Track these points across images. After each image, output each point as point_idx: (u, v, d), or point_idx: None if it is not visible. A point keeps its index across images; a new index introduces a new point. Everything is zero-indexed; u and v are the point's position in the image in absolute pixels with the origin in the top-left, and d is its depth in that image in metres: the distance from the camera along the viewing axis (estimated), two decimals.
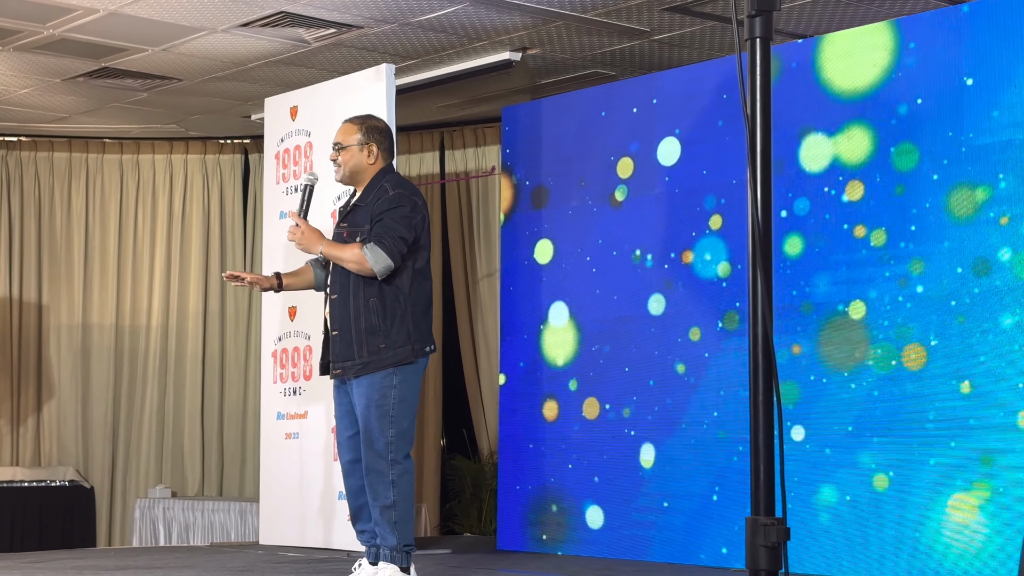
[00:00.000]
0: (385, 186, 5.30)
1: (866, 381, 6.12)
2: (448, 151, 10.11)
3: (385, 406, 5.14)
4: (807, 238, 6.39)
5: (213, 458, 10.46)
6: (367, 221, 5.24)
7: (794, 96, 6.46)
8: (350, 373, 5.19)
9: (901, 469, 5.97)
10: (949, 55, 5.96)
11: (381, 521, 5.12)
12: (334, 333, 5.23)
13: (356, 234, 5.25)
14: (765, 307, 2.63)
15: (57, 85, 8.74)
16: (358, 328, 5.15)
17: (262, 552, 7.61)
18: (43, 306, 10.35)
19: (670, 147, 7.11)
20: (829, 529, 6.18)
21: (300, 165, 8.14)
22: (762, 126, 2.69)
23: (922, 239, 5.97)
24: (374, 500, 5.14)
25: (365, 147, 5.35)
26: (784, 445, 2.64)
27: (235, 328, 10.60)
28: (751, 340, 2.64)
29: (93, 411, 10.34)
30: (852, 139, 6.27)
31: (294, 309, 8.07)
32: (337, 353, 5.22)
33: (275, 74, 8.47)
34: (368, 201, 5.30)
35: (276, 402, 8.13)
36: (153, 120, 9.82)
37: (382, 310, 5.16)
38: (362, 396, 5.16)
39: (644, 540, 6.98)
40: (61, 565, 6.80)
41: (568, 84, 8.50)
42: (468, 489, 9.51)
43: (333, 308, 5.25)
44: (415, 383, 5.24)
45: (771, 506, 2.59)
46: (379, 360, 5.14)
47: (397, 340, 5.16)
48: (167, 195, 10.58)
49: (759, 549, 2.57)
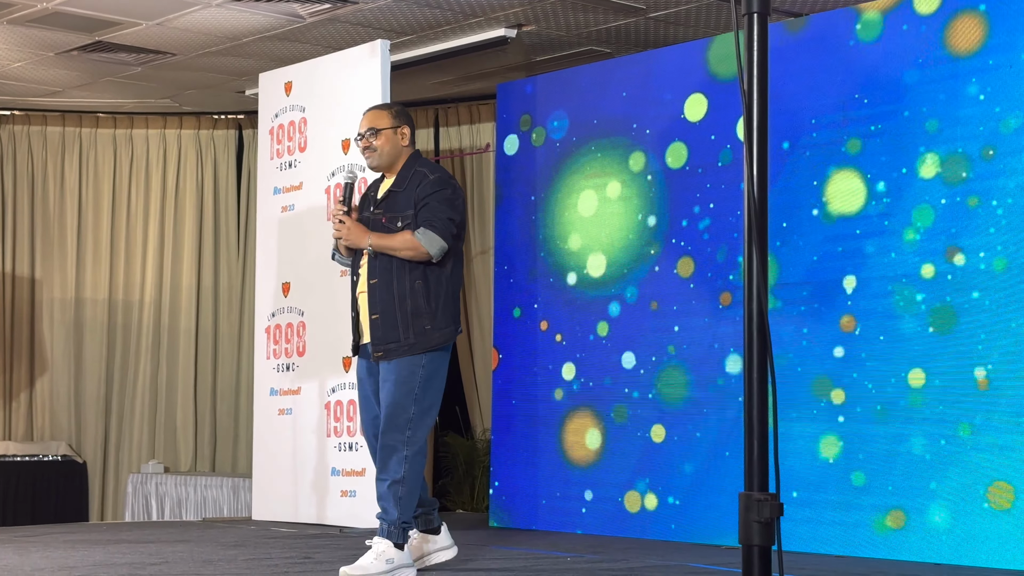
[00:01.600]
0: (423, 171, 5.31)
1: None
2: (443, 128, 10.10)
3: (411, 383, 5.17)
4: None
5: (206, 433, 10.47)
6: (408, 207, 5.25)
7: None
8: (395, 355, 5.19)
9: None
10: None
11: (387, 495, 5.14)
12: (374, 317, 5.23)
13: (396, 220, 5.25)
14: (760, 284, 2.63)
15: (51, 59, 8.71)
16: (404, 311, 5.17)
17: (255, 527, 7.62)
18: (36, 281, 10.33)
19: (664, 126, 7.10)
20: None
21: (294, 141, 8.12)
22: (759, 102, 2.69)
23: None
24: (383, 474, 5.16)
25: (398, 130, 5.36)
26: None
27: (228, 304, 10.60)
28: (746, 316, 2.64)
29: (86, 386, 10.34)
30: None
31: (287, 285, 8.07)
32: (379, 336, 5.22)
33: (269, 49, 8.44)
34: (405, 186, 5.30)
35: (269, 378, 8.13)
36: (147, 95, 9.79)
37: (427, 293, 5.19)
38: (391, 373, 5.18)
39: (641, 518, 6.99)
40: (54, 540, 6.81)
41: (563, 61, 8.48)
42: (461, 466, 9.52)
43: (373, 293, 5.25)
44: (442, 364, 5.29)
45: (764, 482, 2.60)
46: (424, 342, 5.18)
47: (441, 322, 5.22)
48: (161, 170, 10.56)
49: (752, 524, 2.58)
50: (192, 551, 6.15)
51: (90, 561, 5.68)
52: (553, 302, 7.55)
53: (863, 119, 6.23)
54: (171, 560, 5.72)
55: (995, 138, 5.79)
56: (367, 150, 5.35)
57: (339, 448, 7.58)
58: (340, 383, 7.62)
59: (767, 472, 2.62)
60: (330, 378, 7.69)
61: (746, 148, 2.69)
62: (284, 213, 8.15)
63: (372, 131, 5.34)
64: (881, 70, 6.19)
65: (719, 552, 6.21)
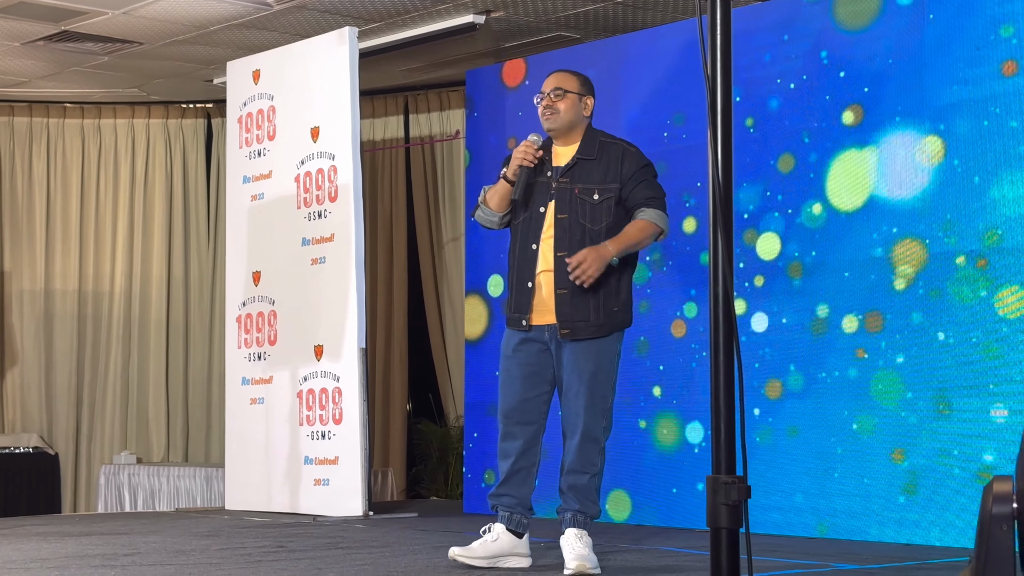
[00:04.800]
0: (619, 143, 4.99)
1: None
2: (412, 115, 10.08)
3: (612, 372, 4.92)
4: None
5: (178, 424, 10.44)
6: (608, 180, 4.91)
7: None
8: (583, 334, 4.87)
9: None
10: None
11: (587, 488, 4.87)
12: (561, 292, 4.88)
13: (592, 192, 4.90)
14: (726, 267, 2.64)
15: (16, 49, 8.66)
16: (595, 289, 4.86)
17: (228, 517, 7.62)
18: (5, 272, 10.27)
19: (632, 110, 7.11)
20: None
21: (263, 129, 8.09)
22: (723, 85, 2.70)
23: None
24: (583, 467, 4.87)
25: (583, 99, 5.03)
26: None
27: (199, 293, 10.56)
28: (711, 299, 2.65)
29: (57, 377, 10.29)
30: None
31: (258, 274, 8.05)
32: (566, 313, 4.87)
33: (237, 37, 8.41)
34: (598, 156, 4.95)
35: (241, 367, 8.11)
36: (114, 84, 9.74)
37: (618, 273, 4.92)
38: (589, 360, 4.87)
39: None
40: (26, 532, 6.79)
41: (532, 47, 8.48)
42: (435, 454, 9.53)
43: (561, 267, 4.87)
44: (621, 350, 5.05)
45: (732, 464, 2.62)
46: (612, 323, 4.90)
47: (627, 304, 4.97)
48: (129, 160, 10.51)
49: (720, 507, 2.59)
50: (165, 541, 6.14)
51: (63, 553, 5.66)
52: None
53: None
54: (144, 551, 5.71)
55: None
56: (548, 109, 4.98)
57: (312, 437, 7.58)
58: (312, 371, 7.61)
59: (735, 455, 2.64)
60: (302, 367, 7.68)
61: (710, 132, 2.70)
62: (254, 202, 8.13)
63: (559, 91, 4.99)
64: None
65: (691, 535, 6.24)
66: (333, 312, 7.51)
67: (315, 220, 7.69)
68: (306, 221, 7.75)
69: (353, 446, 7.35)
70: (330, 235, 7.60)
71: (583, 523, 4.86)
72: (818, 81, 6.37)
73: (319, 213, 7.67)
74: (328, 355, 7.51)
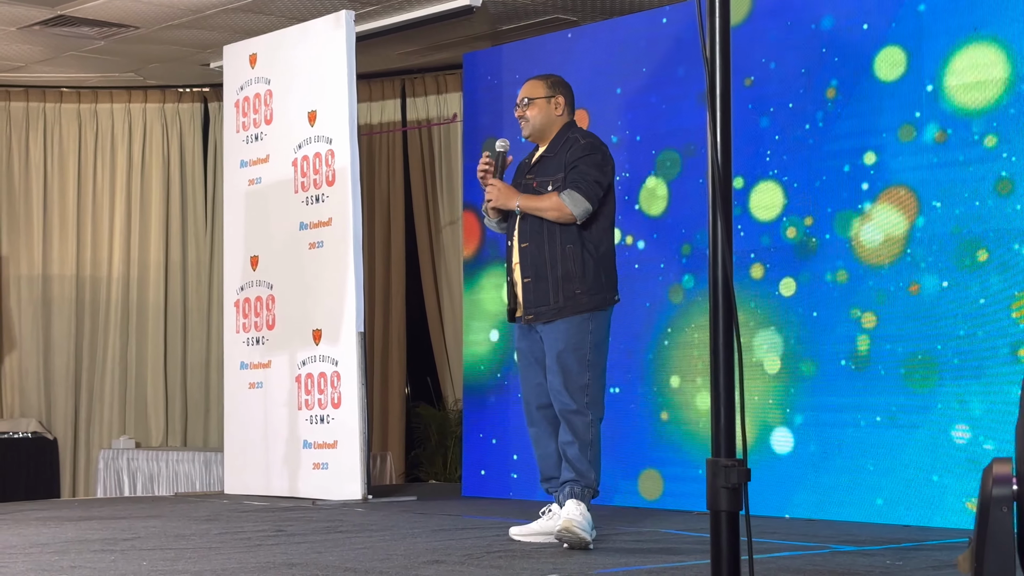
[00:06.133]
0: (575, 136, 5.33)
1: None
2: (409, 98, 10.06)
3: (582, 350, 5.15)
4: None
5: (177, 408, 10.45)
6: (559, 170, 5.26)
7: None
8: (543, 318, 5.19)
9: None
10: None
11: (579, 458, 5.10)
12: (526, 280, 5.24)
13: (546, 184, 5.26)
14: (725, 250, 2.64)
15: (12, 34, 8.63)
16: (555, 275, 5.18)
17: (227, 501, 7.63)
18: (2, 257, 10.26)
19: (630, 94, 7.10)
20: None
21: (260, 113, 8.08)
22: (721, 68, 2.69)
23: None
24: (572, 438, 5.11)
25: (552, 100, 5.37)
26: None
27: (197, 278, 10.56)
28: (710, 283, 2.65)
29: (55, 362, 10.29)
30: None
31: (256, 258, 8.04)
32: (530, 300, 5.23)
33: (233, 21, 8.39)
34: (557, 151, 5.31)
35: (239, 352, 8.11)
36: (111, 69, 9.72)
37: (579, 257, 5.18)
38: (558, 340, 5.16)
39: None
40: (25, 517, 6.80)
41: (529, 30, 8.46)
42: (433, 437, 9.54)
43: (524, 256, 5.25)
44: (606, 330, 5.26)
45: (732, 448, 2.62)
46: (574, 305, 5.16)
47: (593, 287, 5.19)
48: (126, 145, 10.49)
49: (720, 490, 2.59)
50: (165, 526, 6.15)
51: (62, 538, 5.67)
52: None
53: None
54: (144, 535, 5.72)
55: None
56: (521, 119, 5.40)
57: (310, 421, 7.58)
58: (310, 356, 7.61)
59: (734, 438, 2.64)
60: (300, 351, 7.68)
61: (709, 114, 2.69)
62: (251, 186, 8.12)
63: (526, 101, 5.39)
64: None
65: (690, 517, 6.25)
66: (331, 296, 7.51)
67: (313, 204, 7.69)
68: (304, 205, 7.74)
69: (352, 430, 7.36)
70: (328, 219, 7.59)
71: (580, 494, 5.09)
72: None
73: (317, 197, 7.67)
74: (326, 339, 7.52)
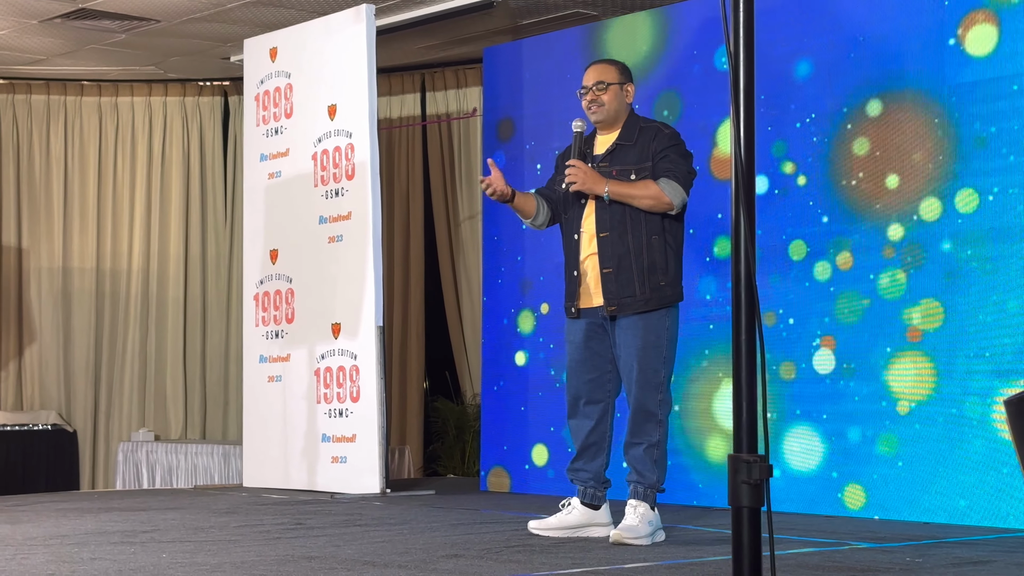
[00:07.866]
0: (655, 125, 5.17)
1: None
2: (429, 92, 10.07)
3: (660, 346, 5.03)
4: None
5: (196, 401, 10.47)
6: (642, 159, 5.08)
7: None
8: (629, 310, 5.03)
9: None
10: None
11: (643, 459, 5.02)
12: (606, 271, 5.05)
13: (628, 172, 5.06)
14: (748, 245, 2.63)
15: (34, 27, 8.66)
16: (640, 265, 5.01)
17: (246, 494, 7.64)
18: (23, 250, 10.30)
19: (651, 89, 7.08)
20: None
21: (280, 107, 8.09)
22: (745, 63, 2.67)
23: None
24: (637, 438, 5.03)
25: (624, 87, 5.21)
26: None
27: (216, 271, 10.58)
28: (733, 278, 2.64)
29: (75, 355, 10.33)
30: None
31: (275, 252, 8.05)
32: (611, 291, 5.04)
33: (254, 15, 8.40)
34: (636, 140, 5.12)
35: (258, 345, 8.12)
36: (131, 62, 9.74)
37: (663, 247, 5.04)
38: (636, 336, 5.02)
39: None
40: (45, 508, 6.82)
41: (549, 24, 8.45)
42: (451, 431, 9.55)
43: (604, 246, 5.06)
44: (678, 325, 5.14)
45: (753, 443, 2.60)
46: (659, 297, 5.02)
47: (675, 278, 5.08)
48: (147, 138, 10.52)
49: (741, 486, 2.58)
50: (184, 518, 6.16)
51: (82, 529, 5.68)
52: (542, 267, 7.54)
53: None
54: (163, 527, 5.73)
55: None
56: (594, 103, 5.16)
57: (329, 414, 7.59)
58: (329, 349, 7.62)
59: (756, 434, 2.62)
60: (319, 344, 7.69)
61: (732, 109, 2.68)
62: (271, 180, 8.13)
63: (601, 85, 5.17)
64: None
65: (707, 513, 6.24)
66: (350, 290, 7.52)
67: (332, 198, 7.69)
68: (323, 199, 7.75)
69: (370, 424, 7.36)
70: (347, 213, 7.60)
71: (642, 494, 5.03)
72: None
73: (336, 191, 7.67)
74: (345, 333, 7.52)
